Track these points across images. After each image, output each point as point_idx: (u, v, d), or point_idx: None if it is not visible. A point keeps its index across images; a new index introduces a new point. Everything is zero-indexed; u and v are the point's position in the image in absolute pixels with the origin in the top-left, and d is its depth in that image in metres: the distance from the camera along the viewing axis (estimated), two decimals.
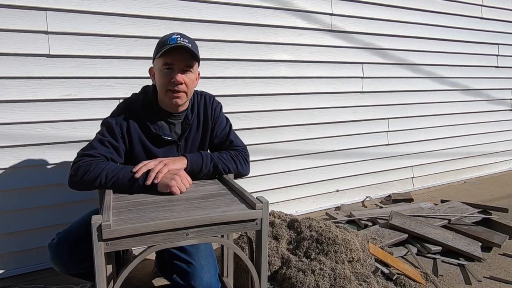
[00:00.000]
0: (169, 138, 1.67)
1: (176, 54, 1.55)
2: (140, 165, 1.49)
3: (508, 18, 4.34)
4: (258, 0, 2.80)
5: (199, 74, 1.74)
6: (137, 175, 1.45)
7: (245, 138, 1.87)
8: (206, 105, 1.78)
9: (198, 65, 1.69)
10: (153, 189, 1.46)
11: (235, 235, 2.37)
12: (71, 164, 1.53)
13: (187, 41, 1.56)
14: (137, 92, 1.77)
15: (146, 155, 1.65)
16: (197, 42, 1.67)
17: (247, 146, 1.85)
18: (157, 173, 1.46)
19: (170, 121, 1.70)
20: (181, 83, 1.57)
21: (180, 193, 1.46)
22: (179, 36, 1.57)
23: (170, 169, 1.50)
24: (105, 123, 1.65)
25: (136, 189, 1.46)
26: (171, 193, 1.45)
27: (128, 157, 1.65)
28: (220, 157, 1.68)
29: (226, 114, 1.89)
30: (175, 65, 1.57)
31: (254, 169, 1.79)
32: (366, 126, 3.49)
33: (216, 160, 1.66)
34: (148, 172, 1.47)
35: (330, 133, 3.29)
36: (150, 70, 1.71)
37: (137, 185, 1.45)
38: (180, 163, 1.57)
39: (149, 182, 1.44)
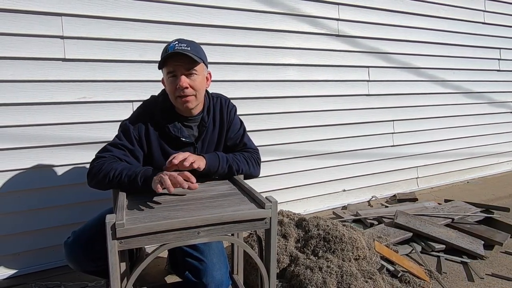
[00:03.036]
0: (188, 140, 1.70)
1: (176, 60, 1.57)
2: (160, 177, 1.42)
3: (509, 23, 4.37)
4: (267, 6, 2.84)
5: (210, 74, 1.76)
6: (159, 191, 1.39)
7: (255, 140, 1.90)
8: (222, 107, 1.81)
9: (206, 65, 1.70)
10: (150, 189, 1.43)
11: (245, 234, 2.40)
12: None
13: (184, 45, 1.58)
14: (155, 94, 1.80)
15: (164, 157, 1.67)
16: (208, 47, 1.69)
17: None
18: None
19: (186, 124, 1.73)
20: (186, 87, 1.59)
21: (163, 189, 1.38)
22: (176, 42, 1.59)
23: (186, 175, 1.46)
24: (122, 126, 1.68)
25: (135, 190, 1.47)
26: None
27: (147, 159, 1.68)
28: (235, 159, 1.71)
29: None
30: (177, 71, 1.59)
31: (263, 170, 1.83)
32: (372, 128, 3.53)
33: (231, 162, 1.69)
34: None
35: (337, 134, 3.33)
36: (163, 81, 1.71)
37: (136, 186, 1.46)
38: (200, 163, 1.55)
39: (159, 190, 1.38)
